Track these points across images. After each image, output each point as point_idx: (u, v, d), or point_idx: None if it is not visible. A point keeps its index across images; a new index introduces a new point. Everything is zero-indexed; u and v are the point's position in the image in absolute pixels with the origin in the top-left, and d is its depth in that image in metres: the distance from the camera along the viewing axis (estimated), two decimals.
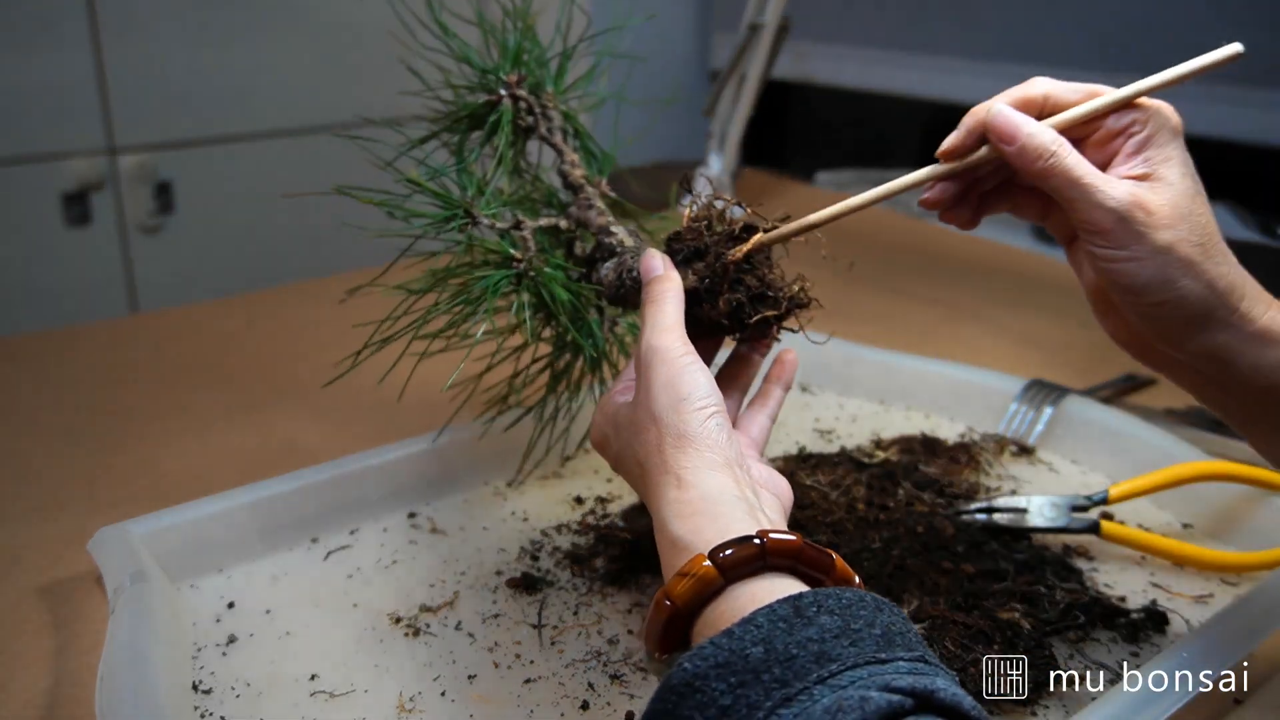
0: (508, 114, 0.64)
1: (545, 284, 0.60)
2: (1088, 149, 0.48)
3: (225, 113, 1.75)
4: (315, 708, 0.53)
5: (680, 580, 0.40)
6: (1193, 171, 0.46)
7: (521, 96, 0.65)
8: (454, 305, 0.60)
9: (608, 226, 0.61)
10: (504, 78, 0.65)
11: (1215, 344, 0.46)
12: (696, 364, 0.47)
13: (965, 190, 0.52)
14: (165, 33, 1.66)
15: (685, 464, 0.44)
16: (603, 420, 0.52)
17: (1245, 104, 1.31)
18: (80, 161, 1.63)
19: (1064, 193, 0.46)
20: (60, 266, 1.64)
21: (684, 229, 0.55)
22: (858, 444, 0.80)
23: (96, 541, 0.61)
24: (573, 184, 0.65)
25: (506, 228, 0.62)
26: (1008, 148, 0.47)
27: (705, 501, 0.42)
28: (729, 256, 0.53)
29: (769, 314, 0.53)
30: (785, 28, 1.39)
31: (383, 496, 0.71)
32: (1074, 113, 0.48)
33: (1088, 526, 0.65)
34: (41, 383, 0.95)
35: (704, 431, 0.45)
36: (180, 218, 1.73)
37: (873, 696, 0.33)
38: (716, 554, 0.39)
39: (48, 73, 1.57)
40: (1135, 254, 0.45)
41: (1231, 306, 0.45)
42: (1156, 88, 0.47)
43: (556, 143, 0.65)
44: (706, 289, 0.53)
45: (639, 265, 0.53)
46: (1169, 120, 0.47)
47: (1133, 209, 0.45)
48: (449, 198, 0.61)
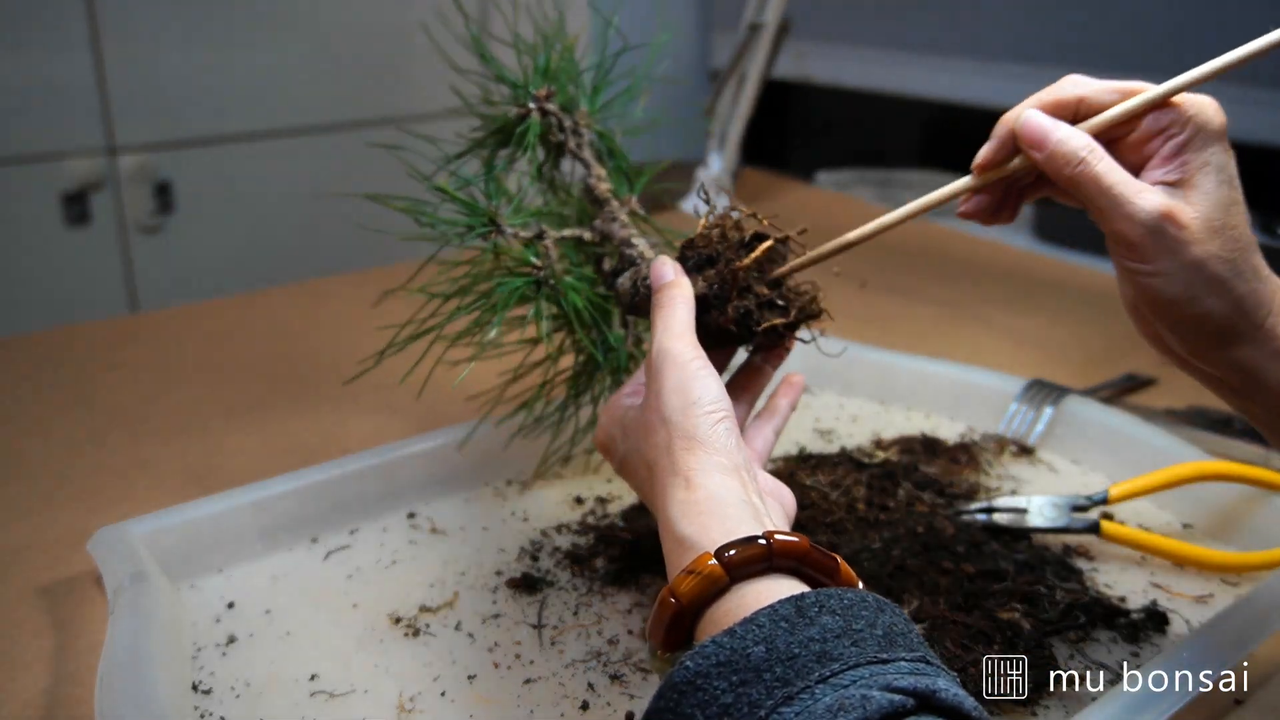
0: (535, 127, 0.66)
1: (564, 293, 0.61)
2: (1123, 150, 0.46)
3: (225, 113, 1.75)
4: (315, 708, 0.53)
5: (686, 578, 0.40)
6: (1232, 177, 0.45)
7: (551, 111, 0.67)
8: (473, 309, 0.61)
9: (629, 239, 0.62)
10: (534, 92, 0.66)
11: (1240, 358, 0.45)
12: (707, 369, 0.47)
13: (1003, 197, 0.51)
14: (165, 33, 1.66)
15: (694, 466, 0.44)
16: (609, 422, 0.52)
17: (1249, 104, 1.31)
18: (80, 161, 1.63)
19: (1094, 202, 0.45)
20: (60, 266, 1.64)
21: (697, 236, 0.55)
22: (858, 444, 0.80)
23: (96, 541, 0.61)
24: (598, 198, 0.65)
25: (530, 237, 0.63)
26: (1037, 154, 0.46)
27: (713, 502, 0.42)
28: (737, 264, 0.53)
29: (777, 322, 0.53)
30: (785, 28, 1.39)
31: (383, 496, 0.71)
32: (1107, 116, 0.46)
33: (1088, 526, 0.65)
34: (41, 383, 0.95)
35: (713, 435, 0.45)
36: (180, 218, 1.73)
37: (874, 696, 0.33)
38: (722, 553, 0.40)
39: (48, 73, 1.57)
40: (1162, 269, 0.43)
41: (1257, 323, 0.44)
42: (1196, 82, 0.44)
43: (585, 157, 0.66)
44: (716, 295, 0.53)
45: (650, 272, 0.54)
46: (1210, 121, 0.45)
47: (1163, 222, 0.43)
48: (475, 206, 0.62)
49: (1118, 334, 0.50)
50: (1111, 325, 0.49)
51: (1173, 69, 0.45)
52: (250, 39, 1.75)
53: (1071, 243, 1.36)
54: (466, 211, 0.62)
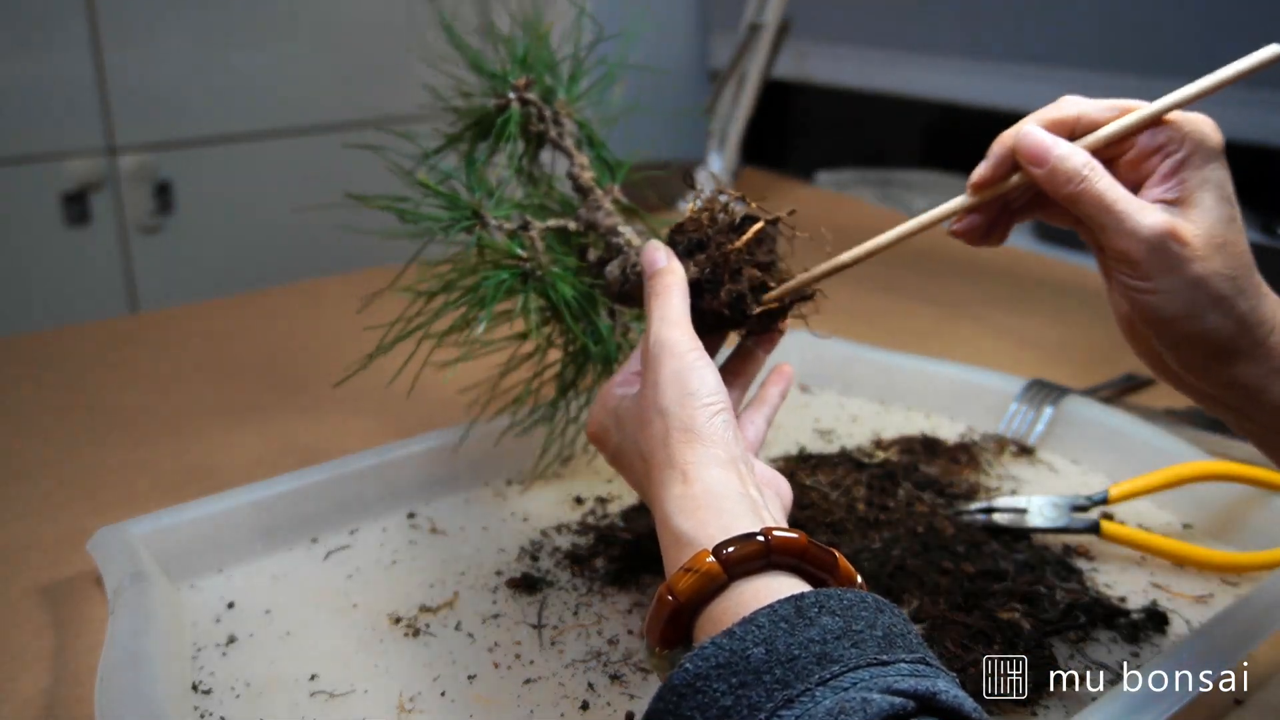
0: (515, 117, 0.65)
1: (551, 284, 0.61)
2: (1121, 169, 0.46)
3: (225, 113, 1.75)
4: (315, 708, 0.53)
5: (684, 575, 0.40)
6: (1230, 195, 0.45)
7: (531, 101, 0.66)
8: (460, 304, 0.61)
9: (615, 227, 0.61)
10: (512, 82, 0.66)
11: (1241, 375, 0.45)
12: (704, 360, 0.47)
13: (995, 217, 0.50)
14: (165, 33, 1.66)
15: (691, 459, 0.44)
16: (602, 412, 0.52)
17: (1249, 104, 1.31)
18: (80, 161, 1.63)
19: (1095, 219, 0.45)
20: (60, 266, 1.64)
21: (686, 221, 0.54)
22: (858, 444, 0.80)
23: (96, 541, 0.61)
24: (582, 186, 0.65)
25: (514, 228, 0.62)
26: (1038, 171, 0.46)
27: (710, 497, 0.42)
28: (729, 246, 0.52)
29: (771, 305, 0.53)
30: (785, 28, 1.39)
31: (382, 496, 0.71)
32: (1104, 133, 0.46)
33: (1088, 526, 0.65)
34: (41, 383, 0.95)
35: (711, 427, 0.44)
36: (180, 218, 1.73)
37: (875, 699, 0.33)
38: (720, 550, 0.39)
39: (48, 73, 1.57)
40: (1165, 286, 0.43)
41: (1259, 340, 0.44)
42: (1191, 100, 0.44)
43: (567, 147, 0.66)
44: (708, 280, 0.53)
45: (641, 259, 0.53)
46: (1208, 139, 0.45)
47: (1166, 239, 0.43)
48: (457, 199, 0.62)
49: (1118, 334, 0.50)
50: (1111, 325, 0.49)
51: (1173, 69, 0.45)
52: (250, 39, 1.74)
53: (1071, 243, 1.36)
54: (449, 206, 0.62)
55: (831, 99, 1.97)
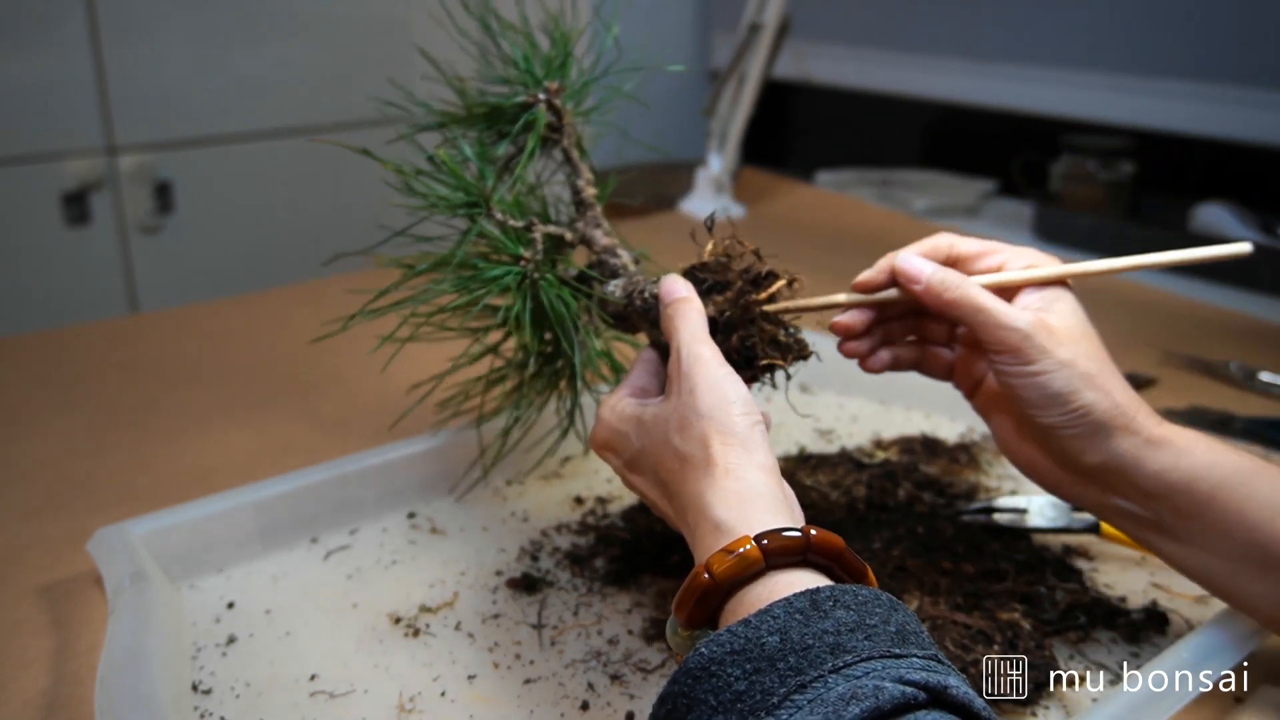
0: (542, 118, 0.66)
1: (546, 289, 0.61)
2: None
3: (225, 113, 1.75)
4: (315, 708, 0.53)
5: (723, 557, 0.41)
6: (1083, 315, 0.53)
7: (556, 106, 0.67)
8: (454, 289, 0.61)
9: (613, 249, 0.63)
10: (546, 84, 0.67)
11: (1117, 451, 0.50)
12: (734, 375, 0.49)
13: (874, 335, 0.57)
14: (165, 33, 1.66)
15: (734, 460, 0.45)
16: (617, 421, 0.53)
17: (1249, 104, 1.31)
18: (80, 161, 1.63)
19: (972, 318, 0.51)
20: (60, 266, 1.64)
21: (708, 260, 0.56)
22: (858, 444, 0.80)
23: (96, 541, 0.61)
24: (583, 200, 0.66)
25: (520, 226, 0.63)
26: (915, 287, 0.53)
27: (753, 493, 0.44)
28: (753, 297, 0.54)
29: (776, 361, 0.55)
30: (785, 28, 1.39)
31: (382, 496, 0.71)
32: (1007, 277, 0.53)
33: (1088, 526, 0.65)
34: (41, 383, 0.95)
35: (752, 435, 0.46)
36: (180, 218, 1.73)
37: (887, 687, 0.34)
38: (762, 538, 0.41)
39: (48, 73, 1.57)
40: (1044, 367, 0.49)
41: (1130, 415, 0.50)
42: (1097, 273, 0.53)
43: (575, 158, 0.67)
44: (724, 322, 0.55)
45: (658, 288, 0.55)
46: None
47: (1037, 327, 0.50)
48: (470, 184, 0.62)
49: (1117, 334, 0.51)
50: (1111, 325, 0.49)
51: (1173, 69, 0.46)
52: (250, 39, 1.75)
53: (1071, 243, 1.36)
54: (459, 186, 0.62)
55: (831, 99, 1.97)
